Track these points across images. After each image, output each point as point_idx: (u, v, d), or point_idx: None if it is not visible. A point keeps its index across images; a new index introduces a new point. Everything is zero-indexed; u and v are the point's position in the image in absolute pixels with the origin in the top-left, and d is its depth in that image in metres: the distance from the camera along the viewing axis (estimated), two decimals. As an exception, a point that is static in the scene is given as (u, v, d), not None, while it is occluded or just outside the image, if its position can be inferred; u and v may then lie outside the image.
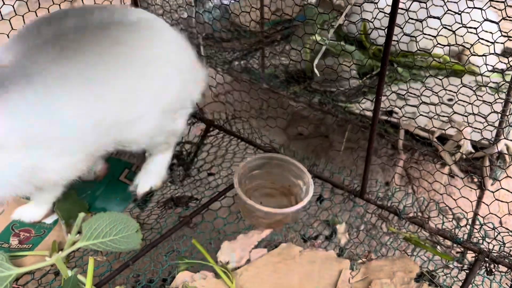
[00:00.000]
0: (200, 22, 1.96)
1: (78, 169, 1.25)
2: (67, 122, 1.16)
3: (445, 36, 1.46)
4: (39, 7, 1.63)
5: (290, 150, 1.68)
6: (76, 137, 1.19)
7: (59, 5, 1.71)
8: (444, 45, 1.45)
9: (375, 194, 1.52)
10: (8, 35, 1.56)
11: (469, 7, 1.36)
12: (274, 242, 1.37)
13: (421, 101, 1.49)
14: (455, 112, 1.44)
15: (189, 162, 1.73)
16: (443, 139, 1.58)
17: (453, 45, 1.48)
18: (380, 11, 1.43)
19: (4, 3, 1.52)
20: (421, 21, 1.42)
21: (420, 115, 1.48)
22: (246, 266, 1.28)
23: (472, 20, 1.34)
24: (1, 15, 1.53)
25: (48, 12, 1.65)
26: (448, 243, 1.40)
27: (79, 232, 1.28)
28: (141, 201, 1.53)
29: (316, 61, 1.72)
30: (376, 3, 1.47)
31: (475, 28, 1.30)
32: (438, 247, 1.40)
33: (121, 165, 1.62)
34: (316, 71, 1.72)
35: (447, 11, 1.34)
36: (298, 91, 1.87)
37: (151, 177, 1.54)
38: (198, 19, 1.99)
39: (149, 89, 1.30)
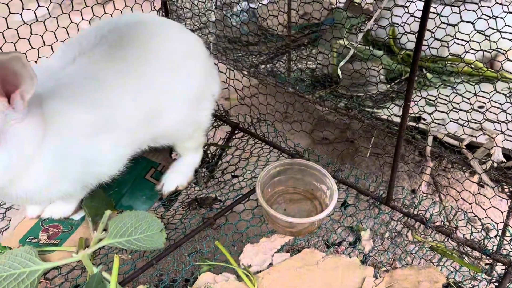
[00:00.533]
0: (228, 25, 1.97)
1: (123, 164, 1.35)
2: (125, 112, 1.29)
3: (478, 42, 1.42)
4: (72, 9, 1.67)
5: (314, 154, 1.67)
6: (133, 127, 1.32)
7: (91, 7, 1.76)
8: (477, 51, 1.42)
9: (401, 202, 1.49)
10: (42, 36, 1.61)
11: (504, 12, 1.33)
12: (297, 246, 1.36)
13: (451, 108, 1.46)
14: (486, 119, 1.41)
15: (213, 164, 1.74)
16: (473, 147, 1.54)
17: (486, 50, 1.44)
18: (410, 15, 1.40)
19: (39, 5, 1.57)
20: (453, 25, 1.39)
21: (450, 121, 1.44)
22: (268, 270, 1.27)
23: (506, 25, 1.30)
24: (36, 17, 1.58)
25: (81, 14, 1.70)
26: (477, 254, 1.36)
27: (105, 230, 1.31)
28: (166, 200, 1.55)
29: (342, 63, 1.71)
30: (407, 7, 1.45)
31: (510, 33, 1.27)
32: (466, 258, 1.36)
33: (148, 164, 1.64)
34: (339, 73, 1.71)
35: (481, 15, 1.31)
36: (324, 95, 1.86)
37: (177, 176, 1.57)
38: (226, 22, 2.01)
39: (180, 80, 1.42)
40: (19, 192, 1.17)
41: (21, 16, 1.55)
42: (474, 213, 1.46)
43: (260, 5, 2.06)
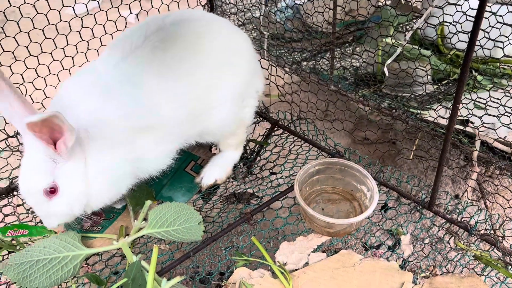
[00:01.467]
0: (272, 21, 1.97)
1: (171, 158, 1.39)
2: (167, 113, 1.32)
3: (535, 43, 1.35)
4: (121, 3, 1.71)
5: (355, 154, 1.64)
6: (175, 126, 1.35)
7: (139, 1, 1.80)
8: (534, 53, 1.35)
9: (444, 207, 1.44)
10: (92, 29, 1.66)
11: None
12: (334, 247, 1.34)
13: (503, 112, 1.39)
14: (541, 125, 1.34)
15: (252, 160, 1.74)
16: (524, 153, 1.47)
17: (544, 52, 1.37)
18: (463, 14, 1.35)
19: (90, -1, 1.62)
20: (509, 25, 1.32)
21: (501, 126, 1.38)
22: (304, 269, 1.26)
23: None
24: (87, 10, 1.63)
25: (129, 8, 1.74)
26: (524, 266, 1.30)
27: (145, 219, 1.33)
28: (205, 193, 1.57)
29: (388, 62, 1.66)
30: (460, 5, 1.39)
31: None
32: (512, 269, 1.30)
33: (188, 157, 1.67)
34: (386, 71, 1.66)
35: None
36: (367, 94, 1.82)
37: (216, 170, 1.59)
38: (270, 18, 2.00)
39: (225, 78, 1.43)
40: (93, 206, 1.28)
41: (73, 9, 1.60)
42: (523, 223, 1.39)
43: (305, 1, 2.04)
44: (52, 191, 1.20)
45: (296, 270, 1.26)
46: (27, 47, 1.54)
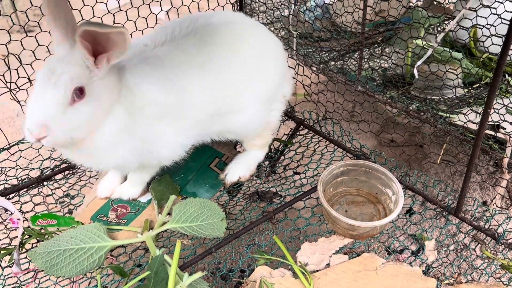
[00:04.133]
0: (300, 20, 1.96)
1: (183, 152, 1.38)
2: (197, 104, 1.34)
3: None
4: (152, 0, 1.74)
5: (381, 157, 1.62)
6: (200, 119, 1.37)
7: (170, -2, 1.82)
8: None
9: (471, 214, 1.41)
10: (123, 25, 1.68)
11: None
12: (356, 250, 1.33)
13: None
14: None
15: (276, 159, 1.74)
16: (558, 162, 1.42)
17: None
18: (498, 17, 1.31)
19: (123, -4, 1.65)
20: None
21: (534, 133, 1.34)
22: (325, 270, 1.26)
23: None
24: (120, 6, 1.67)
25: (160, 5, 1.76)
26: (554, 278, 1.26)
27: (169, 214, 1.35)
28: (228, 190, 1.58)
29: (418, 64, 1.63)
30: (495, 8, 1.35)
31: None
32: (541, 280, 1.26)
33: (213, 153, 1.68)
34: (416, 73, 1.63)
35: None
36: (395, 96, 1.79)
37: (240, 168, 1.60)
38: (299, 17, 1.99)
39: (256, 82, 1.45)
40: (90, 146, 1.21)
41: (106, 5, 1.63)
42: (554, 234, 1.34)
43: (335, 1, 2.02)
44: (81, 91, 1.13)
45: (317, 271, 1.26)
46: (60, 42, 1.58)
